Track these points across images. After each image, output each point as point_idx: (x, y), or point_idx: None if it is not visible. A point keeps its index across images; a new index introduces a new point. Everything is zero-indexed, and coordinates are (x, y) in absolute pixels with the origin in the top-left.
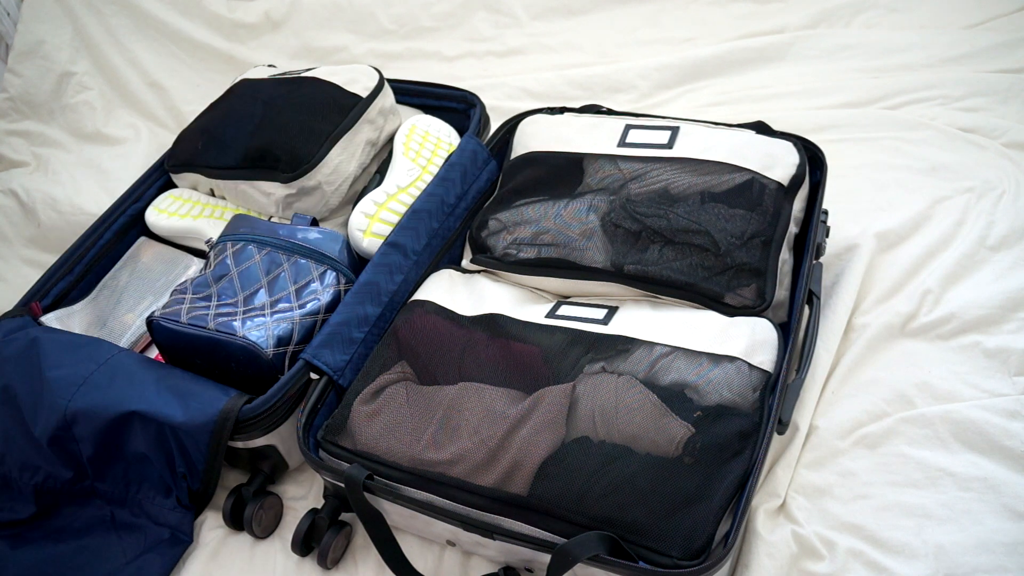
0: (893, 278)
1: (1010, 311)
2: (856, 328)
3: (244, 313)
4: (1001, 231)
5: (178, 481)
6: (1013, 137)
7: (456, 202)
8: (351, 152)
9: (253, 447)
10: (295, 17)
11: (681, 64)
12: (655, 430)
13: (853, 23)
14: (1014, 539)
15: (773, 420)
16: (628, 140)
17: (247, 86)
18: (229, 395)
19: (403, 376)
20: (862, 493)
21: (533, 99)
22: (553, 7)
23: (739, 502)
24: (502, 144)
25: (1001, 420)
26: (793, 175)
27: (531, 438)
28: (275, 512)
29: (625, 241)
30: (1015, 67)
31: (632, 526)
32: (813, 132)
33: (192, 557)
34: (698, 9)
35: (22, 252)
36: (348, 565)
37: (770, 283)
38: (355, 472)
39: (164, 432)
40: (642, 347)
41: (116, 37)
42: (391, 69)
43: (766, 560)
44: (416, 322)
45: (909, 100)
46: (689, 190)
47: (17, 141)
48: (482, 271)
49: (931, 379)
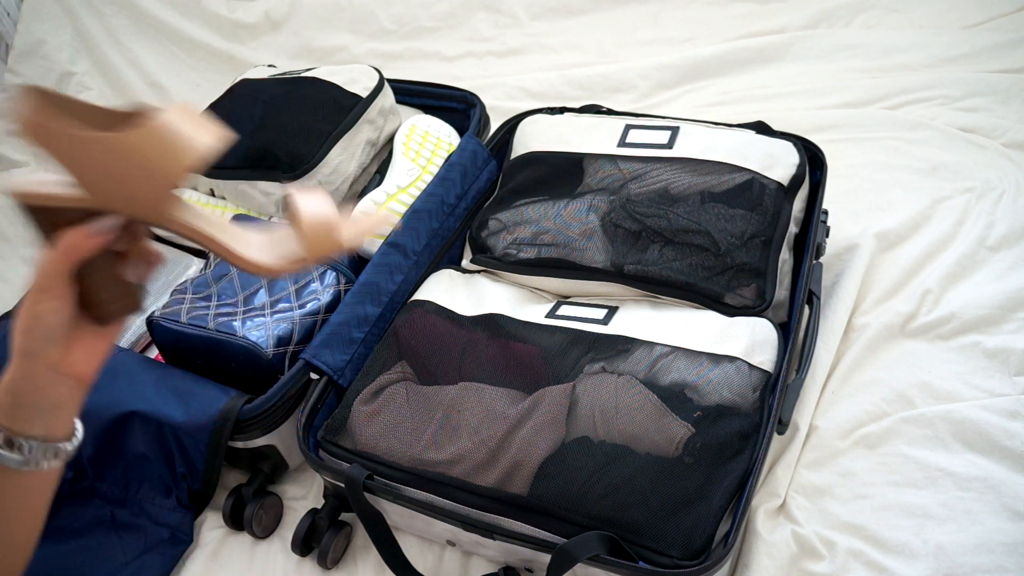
0: (893, 278)
1: (1010, 311)
2: (856, 328)
3: (244, 313)
4: (1001, 231)
5: (178, 481)
6: (1013, 137)
7: (456, 202)
8: (351, 152)
9: (253, 447)
10: (295, 17)
11: (681, 64)
12: (655, 430)
13: (853, 23)
14: (1014, 539)
15: (773, 420)
16: (628, 140)
17: (247, 86)
18: (229, 395)
19: (403, 376)
20: (862, 493)
21: (533, 99)
22: (553, 7)
23: (739, 502)
24: (502, 144)
25: (1001, 420)
26: (793, 175)
27: (531, 438)
28: (275, 512)
29: (625, 241)
30: (1015, 67)
31: (632, 526)
32: (813, 132)
33: (192, 557)
34: (698, 9)
35: (22, 252)
36: (348, 565)
37: (770, 283)
38: (355, 472)
39: (164, 432)
40: (642, 347)
41: (116, 37)
42: (391, 69)
43: (766, 560)
44: (416, 322)
45: (909, 100)
46: (689, 190)
47: (17, 141)
48: (482, 271)
49: (931, 379)
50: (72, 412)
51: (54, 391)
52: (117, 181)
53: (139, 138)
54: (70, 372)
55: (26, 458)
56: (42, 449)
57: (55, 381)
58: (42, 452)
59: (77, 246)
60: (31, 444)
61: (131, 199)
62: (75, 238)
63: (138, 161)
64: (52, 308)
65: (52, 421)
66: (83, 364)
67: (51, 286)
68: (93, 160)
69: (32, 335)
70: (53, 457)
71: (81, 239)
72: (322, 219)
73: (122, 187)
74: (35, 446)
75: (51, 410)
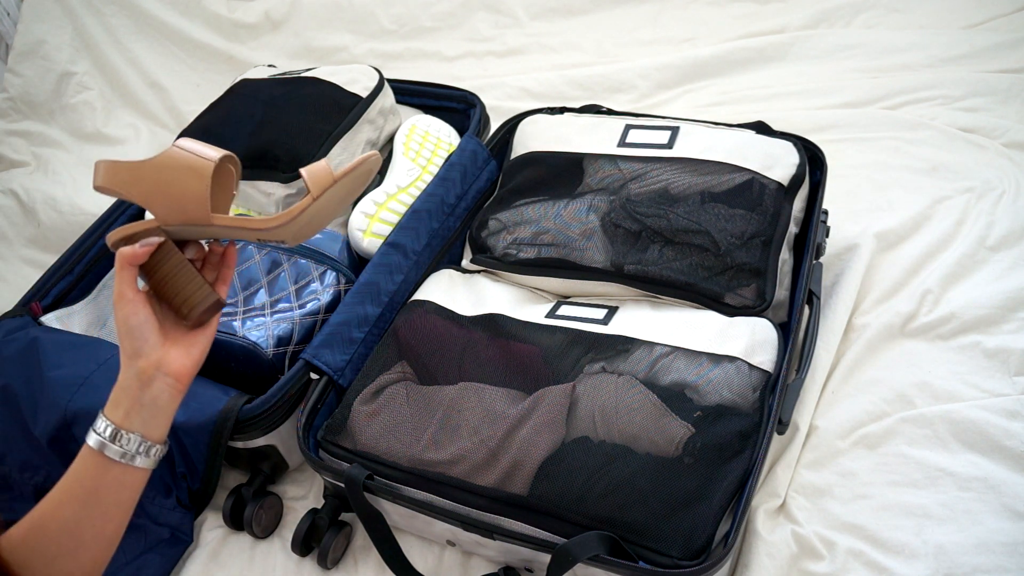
0: (893, 278)
1: (1010, 311)
2: (856, 328)
3: (244, 313)
4: (1001, 231)
5: (178, 481)
6: (1013, 137)
7: (456, 202)
8: (351, 152)
9: (253, 447)
10: (295, 17)
11: (681, 64)
12: (655, 430)
13: (853, 23)
14: (1014, 539)
15: (773, 420)
16: (628, 140)
17: (247, 86)
18: (229, 395)
19: (403, 376)
20: (862, 493)
21: (533, 99)
22: (553, 7)
23: (739, 502)
24: (502, 144)
25: (1001, 420)
26: (793, 175)
27: (531, 438)
28: (275, 512)
29: (625, 241)
30: (1015, 67)
31: (632, 526)
32: (813, 132)
33: (192, 557)
34: (698, 9)
35: (22, 252)
36: (348, 565)
37: (770, 283)
38: (355, 472)
39: None
40: (642, 347)
41: (116, 37)
42: (391, 69)
43: (766, 560)
44: (416, 322)
45: (909, 100)
46: (689, 190)
47: (17, 141)
48: (482, 271)
49: (931, 379)
50: (168, 417)
51: (154, 388)
52: (166, 194)
53: (169, 154)
54: (168, 371)
55: (125, 450)
56: (139, 444)
57: (155, 379)
58: (138, 447)
59: (132, 255)
60: (131, 437)
61: (181, 207)
62: (127, 250)
63: (174, 169)
64: (130, 312)
65: (151, 420)
66: (178, 363)
67: (123, 292)
68: (147, 180)
69: (127, 338)
70: (146, 455)
71: (131, 249)
72: (320, 166)
73: (170, 197)
74: (134, 439)
75: (151, 407)
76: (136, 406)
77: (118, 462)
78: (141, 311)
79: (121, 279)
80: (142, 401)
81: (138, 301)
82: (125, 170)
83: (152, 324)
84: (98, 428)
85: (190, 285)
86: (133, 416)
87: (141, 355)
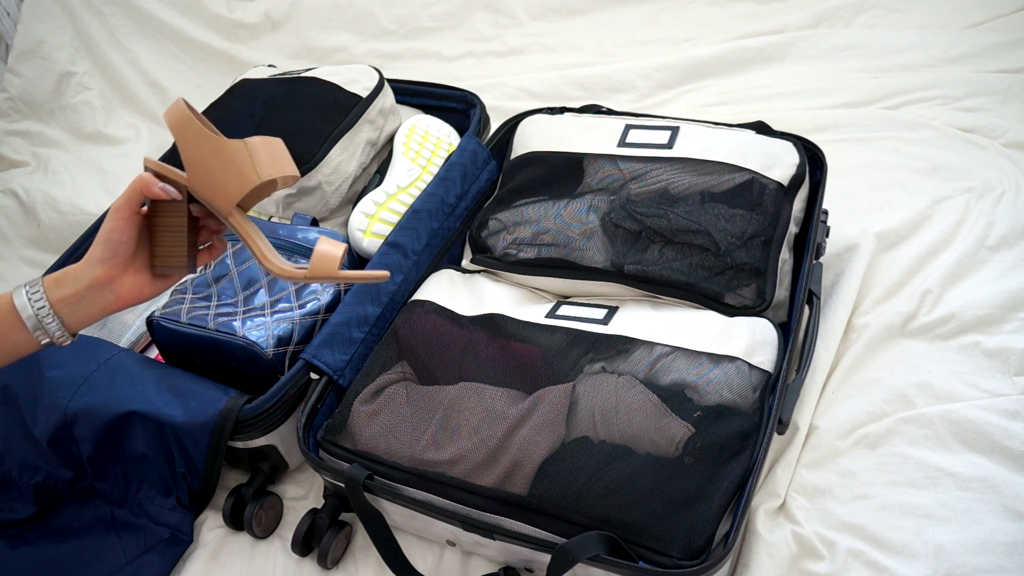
0: (893, 278)
1: (1010, 311)
2: (856, 328)
3: (244, 313)
4: (1001, 231)
5: (178, 481)
6: (1013, 137)
7: (456, 202)
8: (351, 152)
9: (253, 447)
10: (295, 17)
11: (681, 64)
12: (655, 430)
13: (853, 23)
14: (1014, 539)
15: (773, 420)
16: (628, 140)
17: (247, 86)
18: (229, 395)
19: (403, 376)
20: (862, 493)
21: (533, 99)
22: (553, 7)
23: (739, 502)
24: (502, 144)
25: (1001, 420)
26: (793, 175)
27: (531, 438)
28: (275, 512)
29: (625, 241)
30: (1015, 67)
31: (632, 526)
32: (813, 132)
33: (192, 557)
34: (698, 9)
35: (22, 252)
36: (348, 565)
37: (770, 283)
38: (355, 472)
39: (164, 432)
40: (642, 347)
41: (116, 37)
42: (391, 69)
43: (766, 560)
44: (416, 322)
45: (909, 100)
46: (689, 190)
47: (17, 141)
48: (482, 271)
49: (931, 379)
50: (91, 321)
51: (99, 295)
52: (210, 172)
53: (237, 147)
54: (117, 291)
55: (42, 325)
56: (57, 329)
57: (103, 288)
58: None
59: (148, 186)
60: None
61: (213, 189)
62: (149, 179)
63: (230, 162)
64: (120, 227)
65: (77, 315)
66: (128, 290)
67: (121, 208)
68: (203, 152)
69: (104, 245)
70: (48, 337)
71: (152, 181)
72: (328, 253)
73: (211, 178)
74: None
75: (86, 306)
76: (74, 297)
77: (25, 327)
78: (127, 231)
79: (128, 195)
80: (82, 297)
81: (131, 222)
82: (192, 128)
83: (129, 248)
84: (32, 294)
85: (174, 247)
86: (68, 304)
87: (105, 264)
